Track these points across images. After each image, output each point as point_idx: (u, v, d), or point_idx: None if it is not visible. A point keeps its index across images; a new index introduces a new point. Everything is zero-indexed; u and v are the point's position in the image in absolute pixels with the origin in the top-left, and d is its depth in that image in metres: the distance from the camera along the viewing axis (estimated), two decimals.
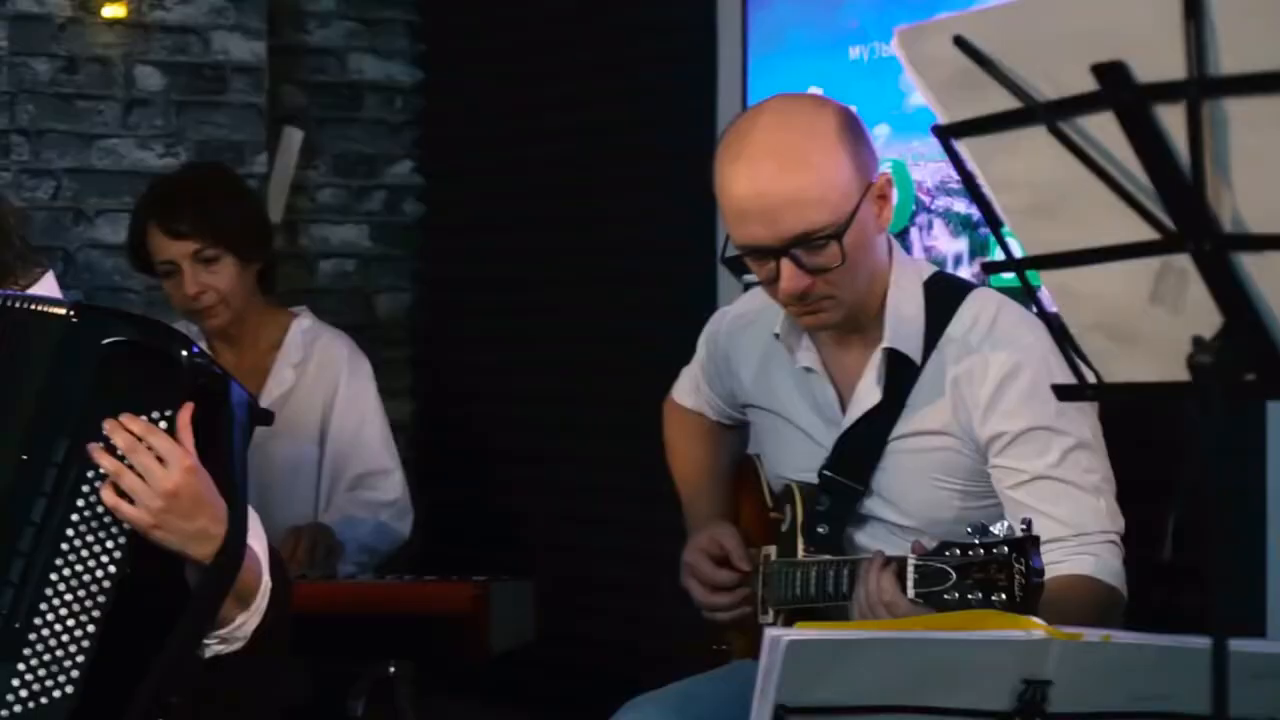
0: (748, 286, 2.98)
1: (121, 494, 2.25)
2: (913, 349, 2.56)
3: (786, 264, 2.46)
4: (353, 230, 4.94)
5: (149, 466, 2.24)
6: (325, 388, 3.73)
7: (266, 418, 2.43)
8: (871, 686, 1.87)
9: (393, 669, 3.48)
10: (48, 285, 2.51)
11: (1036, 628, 1.88)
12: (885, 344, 2.56)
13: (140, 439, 2.25)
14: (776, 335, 2.67)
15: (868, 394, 2.58)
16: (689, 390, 2.98)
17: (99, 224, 4.43)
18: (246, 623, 2.37)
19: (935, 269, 2.69)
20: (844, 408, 2.62)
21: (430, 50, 4.97)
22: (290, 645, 2.73)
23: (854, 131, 2.51)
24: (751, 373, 2.78)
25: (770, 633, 1.86)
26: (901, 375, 2.57)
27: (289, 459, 3.68)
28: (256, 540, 2.40)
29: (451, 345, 4.88)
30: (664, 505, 3.06)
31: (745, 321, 2.81)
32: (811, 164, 2.45)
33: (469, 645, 3.28)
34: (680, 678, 2.76)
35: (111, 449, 2.26)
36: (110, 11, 4.37)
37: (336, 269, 4.90)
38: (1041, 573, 2.21)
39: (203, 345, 3.72)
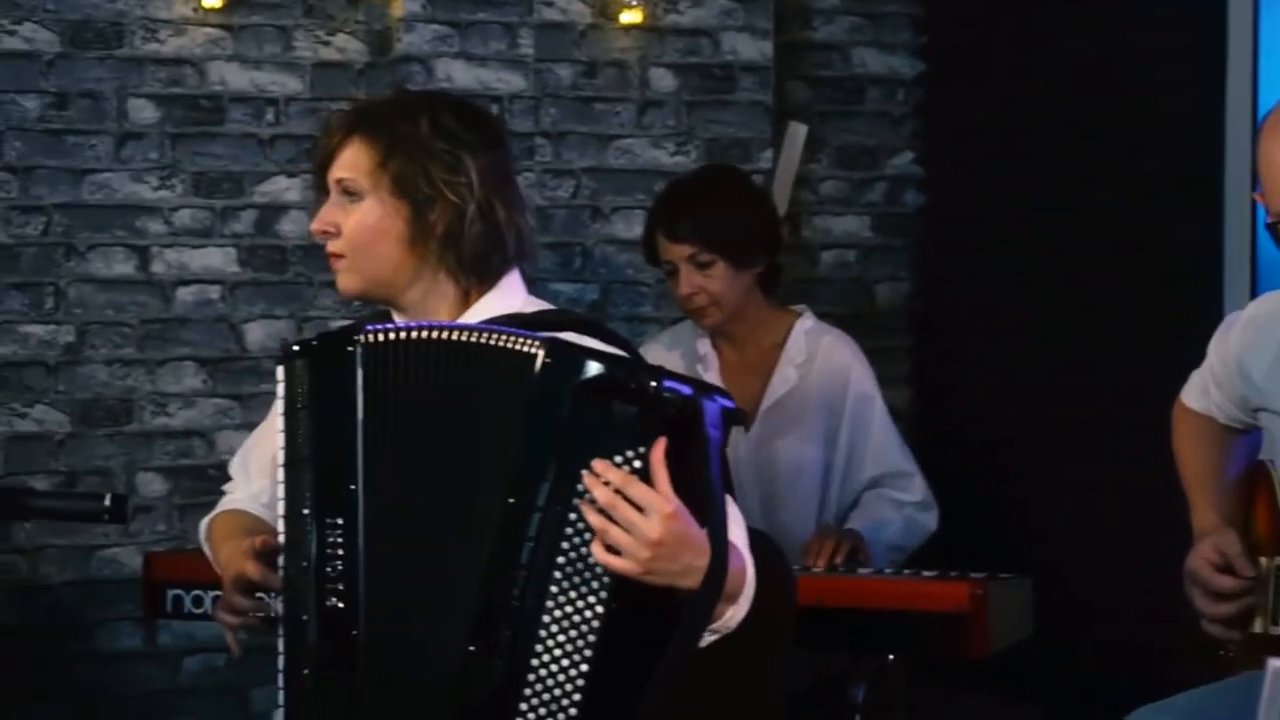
0: None
1: (608, 547, 2.24)
2: None
3: None
4: (854, 221, 5.02)
5: (632, 519, 2.22)
6: (832, 390, 3.81)
7: (741, 420, 2.38)
8: None
9: (890, 658, 3.56)
10: (513, 284, 2.60)
11: None
12: None
13: (619, 491, 2.24)
14: None
15: None
16: (1198, 393, 2.94)
17: (614, 220, 4.61)
18: (735, 615, 2.41)
19: None
20: None
21: (932, 42, 5.00)
22: (795, 637, 2.84)
23: None
24: (1263, 375, 2.73)
25: (1274, 663, 1.84)
26: None
27: (792, 458, 3.77)
28: (737, 526, 2.42)
29: (950, 334, 4.91)
30: (1169, 503, 3.03)
31: (1258, 325, 2.77)
32: None
33: (967, 642, 3.31)
34: (1183, 681, 2.74)
35: (588, 499, 2.25)
36: (627, 17, 4.52)
37: (838, 260, 4.99)
38: None
39: (706, 344, 3.89)
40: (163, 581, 3.78)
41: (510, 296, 2.59)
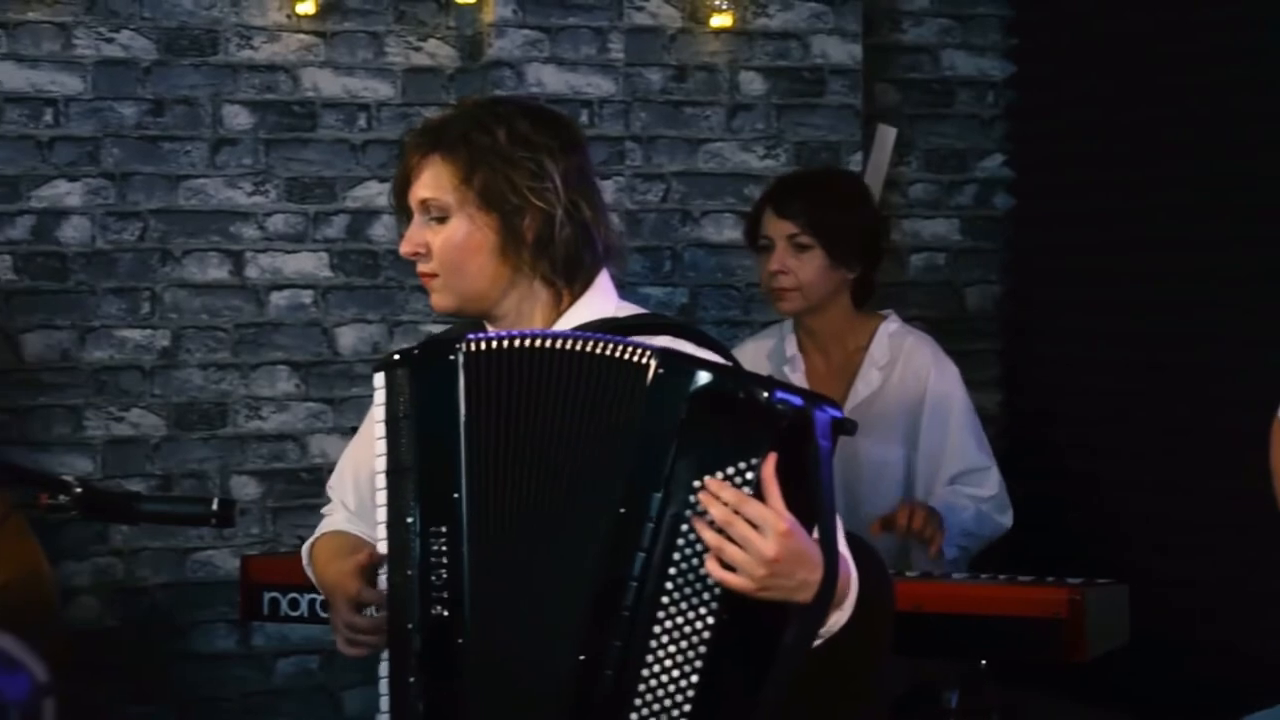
0: None
1: (724, 564, 2.23)
2: None
3: None
4: (943, 224, 5.01)
5: (747, 536, 2.21)
6: (912, 390, 3.82)
7: (850, 428, 2.36)
8: None
9: (984, 663, 3.54)
10: (605, 287, 2.60)
11: None
12: None
13: (733, 508, 2.22)
14: None
15: None
16: None
17: (704, 224, 4.61)
18: (839, 620, 2.41)
19: None
20: None
21: (1022, 44, 4.98)
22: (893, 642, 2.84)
23: None
24: None
25: None
26: None
27: (875, 459, 3.78)
28: (840, 533, 2.39)
29: (1041, 337, 4.89)
30: (1267, 507, 3.00)
31: None
32: None
33: (1064, 648, 3.28)
34: None
35: (703, 516, 2.24)
36: (717, 21, 4.53)
37: (927, 263, 4.98)
38: None
39: (793, 346, 3.90)
40: (259, 584, 3.81)
41: (603, 301, 2.59)
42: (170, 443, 4.46)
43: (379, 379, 2.47)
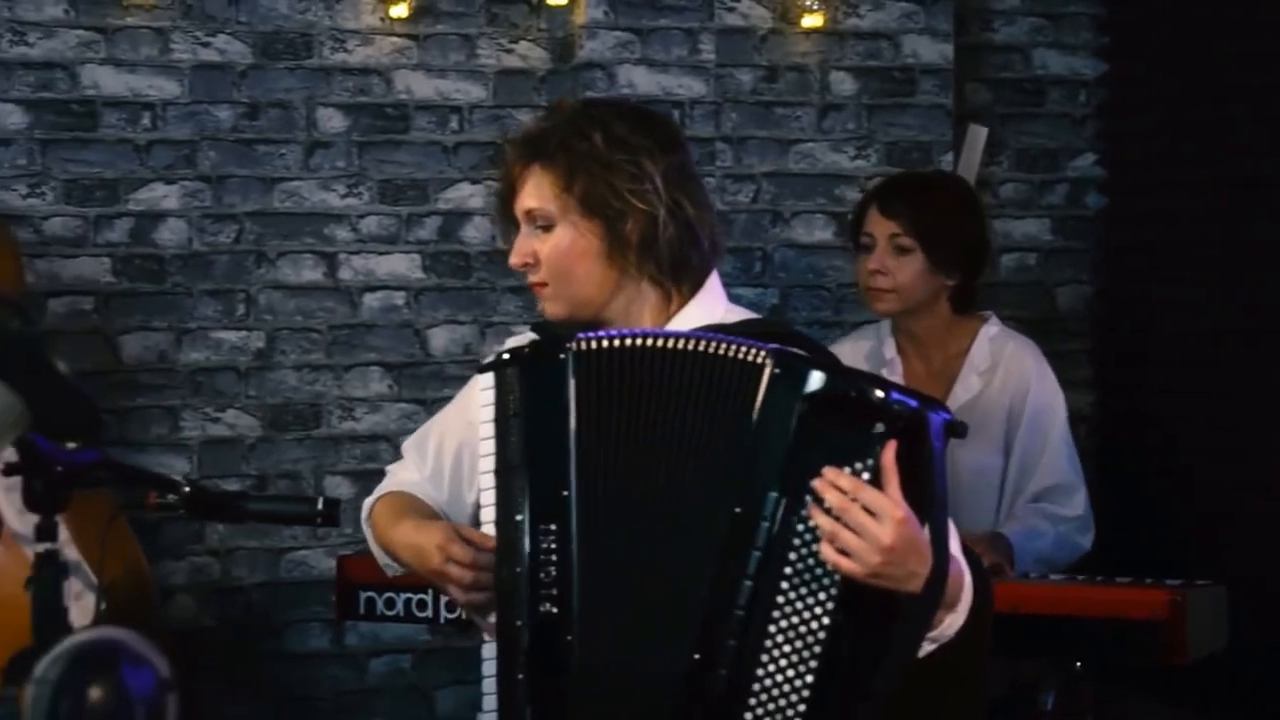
0: None
1: (838, 550, 2.24)
2: None
3: None
4: (1034, 224, 4.99)
5: (863, 523, 2.22)
6: (1012, 396, 3.77)
7: (960, 430, 2.35)
8: None
9: (1078, 666, 3.52)
10: (714, 290, 2.61)
11: None
12: None
13: (850, 495, 2.24)
14: None
15: None
16: None
17: (794, 225, 4.60)
18: (954, 623, 2.40)
19: None
20: None
21: (1114, 42, 4.95)
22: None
23: None
24: None
25: None
26: None
27: (974, 466, 3.73)
28: (952, 537, 2.38)
29: (1132, 338, 4.86)
30: None
31: None
32: None
33: (1164, 651, 3.27)
34: None
35: (819, 503, 2.25)
36: (808, 21, 4.52)
37: (1018, 263, 4.96)
38: None
39: (891, 348, 3.88)
40: (355, 583, 3.84)
41: (712, 305, 2.59)
42: (265, 443, 4.50)
43: (485, 379, 2.48)
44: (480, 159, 4.56)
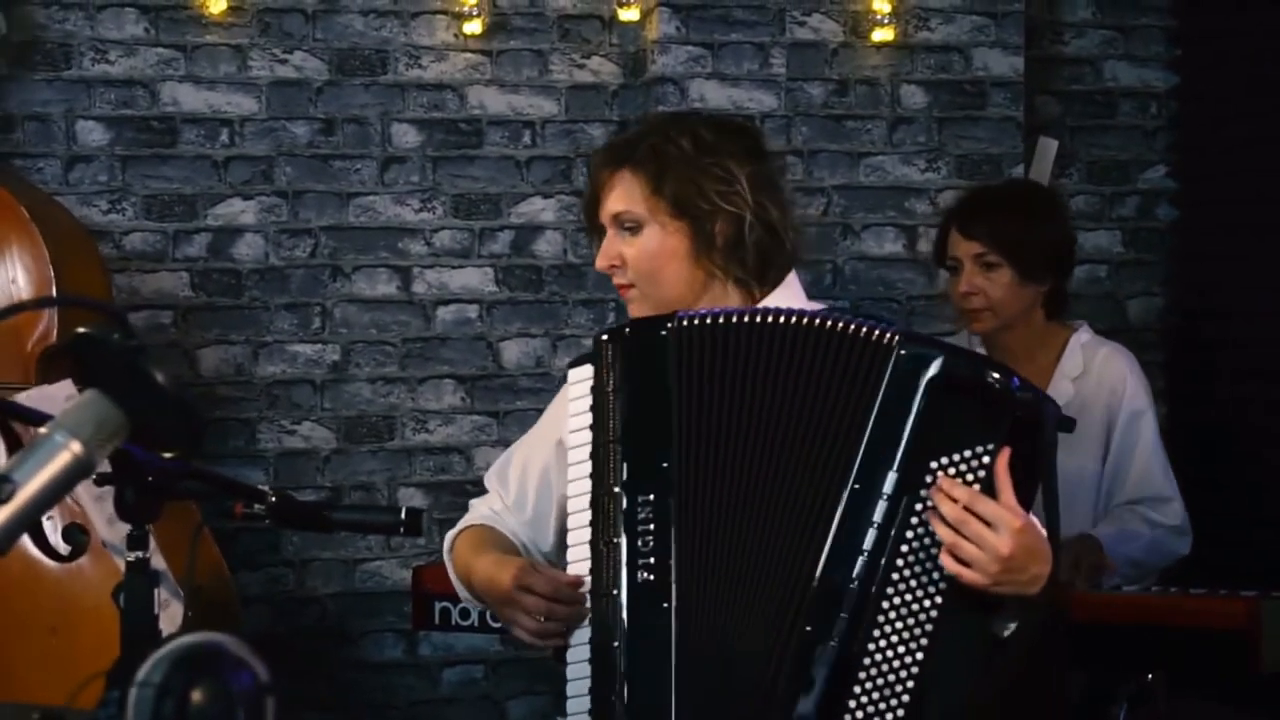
0: None
1: (958, 560, 2.25)
2: None
3: None
4: (1105, 236, 4.98)
5: (981, 535, 2.23)
6: (1107, 402, 3.76)
7: (1068, 425, 2.37)
8: None
9: (1150, 677, 3.51)
10: (793, 286, 2.64)
11: None
12: None
13: (965, 506, 2.24)
14: None
15: None
16: None
17: (865, 238, 4.62)
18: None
19: None
20: None
21: (1185, 54, 4.94)
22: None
23: None
24: None
25: None
26: None
27: (1071, 472, 3.69)
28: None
29: (1204, 350, 4.85)
30: None
31: None
32: None
33: (1239, 661, 3.27)
34: None
35: (936, 511, 2.26)
36: (879, 35, 4.54)
37: (1090, 275, 4.95)
38: None
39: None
40: (431, 594, 3.87)
41: (793, 300, 2.62)
42: (339, 455, 4.55)
43: (575, 373, 2.50)
44: (552, 173, 4.60)
